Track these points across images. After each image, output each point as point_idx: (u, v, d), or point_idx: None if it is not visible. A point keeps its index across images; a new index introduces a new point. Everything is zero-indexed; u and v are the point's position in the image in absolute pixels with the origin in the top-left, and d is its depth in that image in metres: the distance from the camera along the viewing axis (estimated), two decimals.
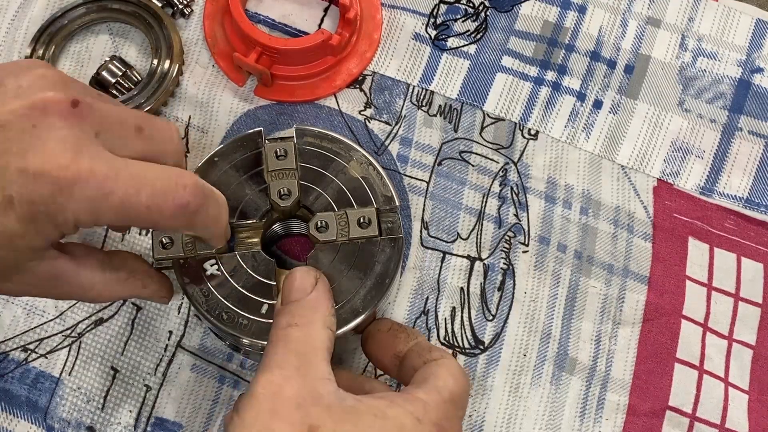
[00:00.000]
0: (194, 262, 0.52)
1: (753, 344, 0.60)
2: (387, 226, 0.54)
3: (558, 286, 0.60)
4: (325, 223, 0.53)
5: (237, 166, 0.55)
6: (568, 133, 0.63)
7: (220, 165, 0.55)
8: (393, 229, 0.54)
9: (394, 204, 0.54)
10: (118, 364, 0.58)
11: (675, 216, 0.62)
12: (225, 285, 0.52)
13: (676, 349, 0.59)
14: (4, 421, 0.56)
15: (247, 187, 0.54)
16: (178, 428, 0.57)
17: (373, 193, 0.54)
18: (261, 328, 0.51)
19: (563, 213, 0.61)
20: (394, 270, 0.52)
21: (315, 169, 0.55)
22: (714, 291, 0.60)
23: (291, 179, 0.54)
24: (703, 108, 0.63)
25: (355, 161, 0.55)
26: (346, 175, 0.55)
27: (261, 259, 0.53)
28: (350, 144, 0.55)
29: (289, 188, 0.54)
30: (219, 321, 0.51)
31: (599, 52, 0.64)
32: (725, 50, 0.65)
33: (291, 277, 0.49)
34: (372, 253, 0.53)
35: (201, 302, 0.51)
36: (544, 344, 0.59)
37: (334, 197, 0.54)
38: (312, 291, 0.48)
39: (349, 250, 0.53)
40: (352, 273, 0.52)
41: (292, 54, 0.61)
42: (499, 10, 0.65)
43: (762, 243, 0.61)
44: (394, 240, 0.53)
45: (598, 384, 0.58)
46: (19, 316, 0.58)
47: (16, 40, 0.63)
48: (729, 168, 0.63)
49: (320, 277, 0.49)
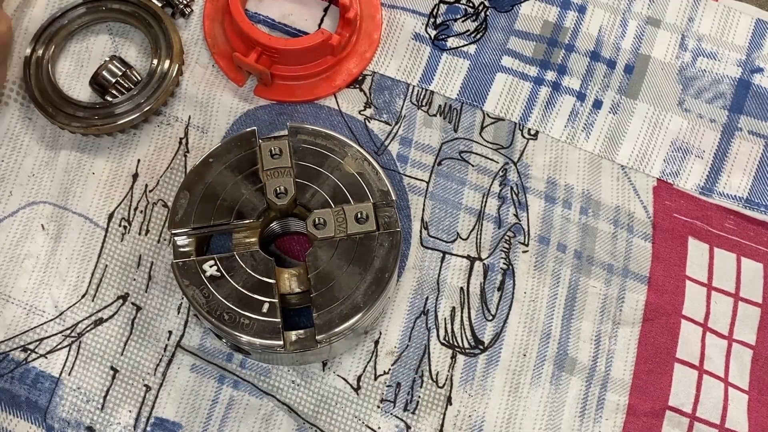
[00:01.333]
0: (193, 263, 0.52)
1: (753, 344, 0.60)
2: (384, 220, 0.54)
3: (558, 286, 0.60)
4: (322, 221, 0.53)
5: (232, 167, 0.55)
6: (568, 133, 0.63)
7: (215, 166, 0.55)
8: (390, 223, 0.54)
9: (390, 198, 0.54)
10: (117, 364, 0.58)
11: (675, 216, 0.62)
12: (225, 285, 0.52)
13: (676, 349, 0.59)
14: (4, 421, 0.56)
15: (243, 187, 0.54)
16: (177, 428, 0.57)
17: (369, 189, 0.54)
18: (263, 327, 0.51)
19: (563, 213, 0.61)
20: (393, 264, 0.53)
21: (310, 167, 0.55)
22: (714, 291, 0.60)
23: (287, 177, 0.54)
24: (703, 108, 0.63)
25: (350, 157, 0.55)
26: (342, 172, 0.55)
27: (260, 259, 0.53)
28: (344, 140, 0.56)
29: (285, 186, 0.54)
30: (221, 322, 0.51)
31: (599, 52, 0.64)
32: (725, 50, 0.65)
33: None
34: (370, 248, 0.53)
35: (202, 304, 0.52)
36: (543, 344, 0.59)
37: (330, 194, 0.54)
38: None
39: (347, 246, 0.53)
40: (351, 269, 0.52)
41: (292, 54, 0.61)
42: (499, 10, 0.65)
43: (762, 243, 0.61)
44: (392, 234, 0.53)
45: (598, 384, 0.58)
46: (19, 316, 0.58)
47: (15, 40, 0.63)
48: (729, 168, 0.63)
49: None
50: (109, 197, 0.61)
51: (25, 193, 0.61)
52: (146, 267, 0.59)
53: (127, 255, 0.59)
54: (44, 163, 0.61)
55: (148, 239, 0.60)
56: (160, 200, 0.60)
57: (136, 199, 0.60)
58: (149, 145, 0.62)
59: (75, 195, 0.61)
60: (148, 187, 0.61)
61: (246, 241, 0.54)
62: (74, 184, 0.61)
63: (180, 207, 0.54)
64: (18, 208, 0.60)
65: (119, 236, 0.60)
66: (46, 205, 0.60)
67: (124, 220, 0.60)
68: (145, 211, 0.60)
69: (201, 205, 0.54)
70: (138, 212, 0.60)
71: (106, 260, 0.59)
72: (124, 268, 0.59)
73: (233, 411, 0.57)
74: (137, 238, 0.60)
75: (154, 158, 0.61)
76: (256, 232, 0.54)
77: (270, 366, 0.58)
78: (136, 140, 0.62)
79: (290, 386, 0.57)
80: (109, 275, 0.59)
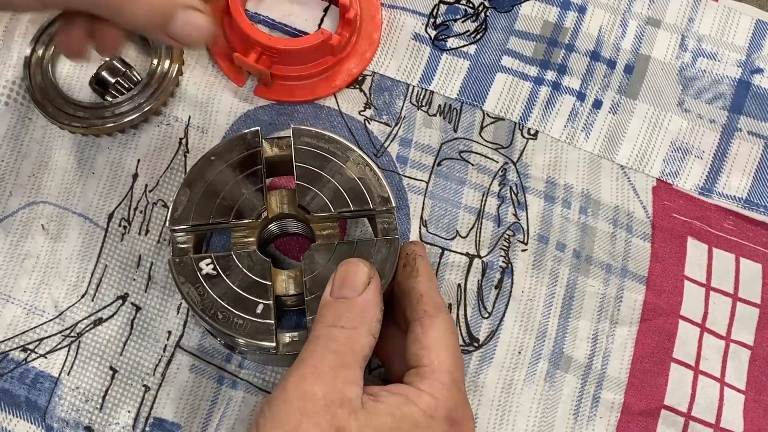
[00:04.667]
0: (190, 261, 0.52)
1: (751, 344, 0.60)
2: (383, 227, 0.54)
3: (556, 284, 0.60)
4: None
5: (233, 166, 0.55)
6: (568, 133, 0.63)
7: (216, 164, 0.55)
8: (389, 230, 0.54)
9: (390, 205, 0.54)
10: (116, 364, 0.58)
11: (674, 216, 0.62)
12: (220, 284, 0.52)
13: (673, 349, 0.59)
14: (4, 421, 0.57)
15: (244, 187, 0.54)
16: (176, 428, 0.57)
17: (369, 194, 0.54)
18: (256, 328, 0.51)
19: (562, 212, 0.61)
20: (389, 271, 0.53)
21: (312, 169, 0.55)
22: (712, 291, 0.61)
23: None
24: (703, 108, 0.63)
25: (351, 162, 0.55)
26: (343, 176, 0.55)
27: (257, 259, 0.53)
28: (347, 144, 0.55)
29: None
30: (214, 320, 0.51)
31: (599, 52, 0.64)
32: (725, 50, 0.65)
33: (345, 269, 0.49)
34: (368, 253, 0.53)
35: (196, 301, 0.52)
36: (539, 342, 0.59)
37: (330, 197, 0.54)
38: (364, 291, 0.48)
39: (344, 250, 0.53)
40: None
41: (292, 54, 0.62)
42: (498, 10, 0.65)
43: (761, 243, 0.61)
44: (390, 241, 0.53)
45: (594, 382, 0.58)
46: (19, 315, 0.59)
47: (15, 40, 0.63)
48: (728, 168, 0.63)
49: (374, 276, 0.49)
50: (108, 197, 0.61)
51: (25, 193, 0.61)
52: (146, 267, 0.59)
53: (127, 255, 0.60)
54: (44, 163, 0.61)
55: (148, 239, 0.60)
56: (160, 200, 0.61)
57: (136, 199, 0.61)
58: (149, 145, 0.62)
59: (75, 195, 0.61)
60: (148, 187, 0.61)
61: (244, 241, 0.54)
62: (74, 184, 0.61)
63: (180, 204, 0.54)
64: (18, 208, 0.61)
65: (119, 236, 0.60)
66: (46, 205, 0.61)
67: (124, 220, 0.60)
68: (145, 211, 0.60)
69: (201, 202, 0.54)
70: (138, 212, 0.60)
71: (105, 260, 0.60)
72: (124, 268, 0.59)
73: (232, 411, 0.57)
74: (137, 238, 0.60)
75: (154, 158, 0.61)
76: (254, 231, 0.54)
77: (267, 367, 0.58)
78: (136, 140, 0.62)
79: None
80: (108, 275, 0.59)
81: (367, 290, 0.48)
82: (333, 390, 0.44)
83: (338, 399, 0.44)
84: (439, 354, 0.48)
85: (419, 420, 0.45)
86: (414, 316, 0.50)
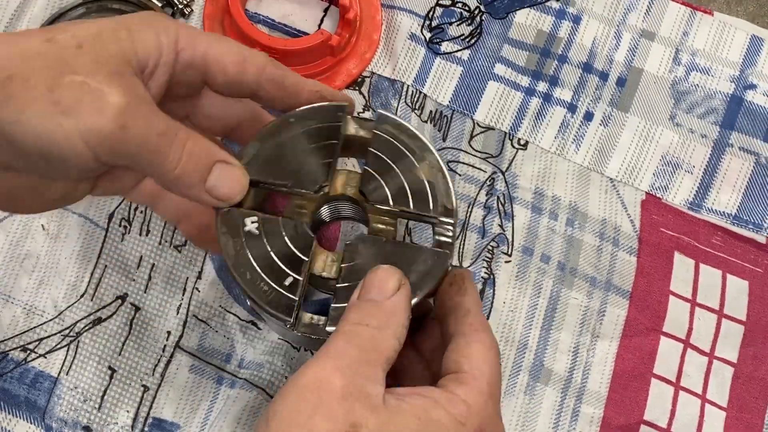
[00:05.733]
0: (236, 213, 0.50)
1: (734, 362, 0.60)
2: (439, 238, 0.50)
3: (539, 296, 0.60)
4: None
5: (309, 133, 0.52)
6: (558, 144, 0.63)
7: (293, 127, 0.52)
8: (443, 243, 0.50)
9: (453, 218, 0.51)
10: (115, 364, 0.59)
11: (661, 230, 0.61)
12: (258, 246, 0.49)
13: (654, 365, 0.59)
14: (3, 421, 0.58)
15: (313, 157, 0.51)
16: (175, 428, 0.57)
17: (434, 201, 0.51)
18: (279, 299, 0.49)
19: (549, 224, 0.62)
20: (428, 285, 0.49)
21: (385, 159, 0.52)
22: (697, 307, 0.60)
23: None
24: (695, 123, 0.63)
25: (426, 163, 0.51)
26: (413, 175, 0.51)
27: (302, 232, 0.50)
28: (428, 145, 0.52)
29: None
30: (242, 278, 0.49)
31: (592, 63, 0.64)
32: (719, 65, 0.64)
33: (375, 274, 0.47)
34: (413, 260, 0.49)
35: (231, 255, 0.49)
36: (520, 354, 0.59)
37: (393, 191, 0.51)
38: (393, 296, 0.46)
39: (390, 249, 0.50)
40: None
41: (291, 54, 0.62)
42: (494, 16, 0.65)
43: (748, 260, 0.61)
44: (439, 255, 0.49)
45: (573, 395, 0.59)
46: (19, 315, 0.59)
47: None
48: (718, 184, 0.62)
49: (405, 283, 0.47)
50: (109, 197, 0.61)
51: None
52: (146, 267, 0.60)
53: (127, 255, 0.60)
54: None
55: (148, 240, 0.60)
56: None
57: None
58: None
59: None
60: None
61: (298, 211, 0.52)
62: None
63: (246, 155, 0.51)
64: None
65: (119, 236, 0.60)
66: None
67: (124, 220, 0.61)
68: (145, 211, 0.61)
69: (266, 160, 0.51)
70: (138, 212, 0.61)
71: (105, 260, 0.60)
72: (124, 268, 0.60)
73: (232, 411, 0.57)
74: (137, 238, 0.60)
75: None
76: (311, 204, 0.52)
77: (265, 362, 0.58)
78: None
79: (283, 382, 0.57)
80: (108, 275, 0.60)
81: (396, 295, 0.46)
82: (352, 383, 0.41)
83: (357, 393, 0.41)
84: (481, 365, 0.45)
85: (448, 426, 0.42)
86: (459, 329, 0.48)
